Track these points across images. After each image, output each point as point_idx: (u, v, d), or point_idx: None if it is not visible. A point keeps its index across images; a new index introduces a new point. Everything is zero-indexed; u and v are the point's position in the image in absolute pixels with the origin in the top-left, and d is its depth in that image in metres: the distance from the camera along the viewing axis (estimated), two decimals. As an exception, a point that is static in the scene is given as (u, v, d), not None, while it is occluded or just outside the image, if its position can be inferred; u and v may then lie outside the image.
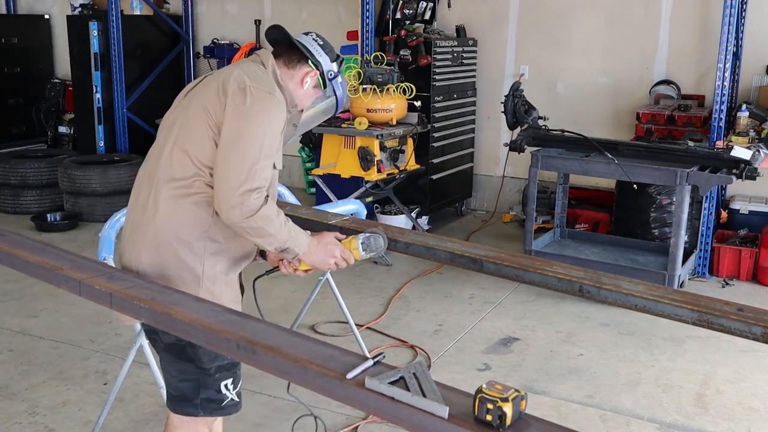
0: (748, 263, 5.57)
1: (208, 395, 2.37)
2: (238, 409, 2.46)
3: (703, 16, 6.39)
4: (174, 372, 2.36)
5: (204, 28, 8.60)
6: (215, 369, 2.34)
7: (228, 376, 2.37)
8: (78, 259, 2.23)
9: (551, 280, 2.26)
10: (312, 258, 2.38)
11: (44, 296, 4.99)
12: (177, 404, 2.40)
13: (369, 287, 5.34)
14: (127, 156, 7.46)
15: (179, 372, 2.35)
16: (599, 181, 6.56)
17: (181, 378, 2.35)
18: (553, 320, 4.83)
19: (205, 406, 2.38)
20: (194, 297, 2.07)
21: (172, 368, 2.37)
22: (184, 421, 2.44)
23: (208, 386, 2.36)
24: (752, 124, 5.57)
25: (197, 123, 2.25)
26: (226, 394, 2.38)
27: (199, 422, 2.45)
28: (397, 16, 6.92)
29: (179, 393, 2.38)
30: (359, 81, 5.95)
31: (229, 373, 2.37)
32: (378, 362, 1.67)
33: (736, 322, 1.96)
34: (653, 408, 3.77)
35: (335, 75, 2.45)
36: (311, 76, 2.41)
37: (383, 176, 5.95)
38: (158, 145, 2.36)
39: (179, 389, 2.37)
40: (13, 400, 3.72)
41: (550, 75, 7.07)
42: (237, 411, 2.46)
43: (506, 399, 1.45)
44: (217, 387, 2.36)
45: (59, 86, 8.76)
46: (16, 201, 7.11)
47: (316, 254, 2.38)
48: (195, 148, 2.24)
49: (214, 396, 2.37)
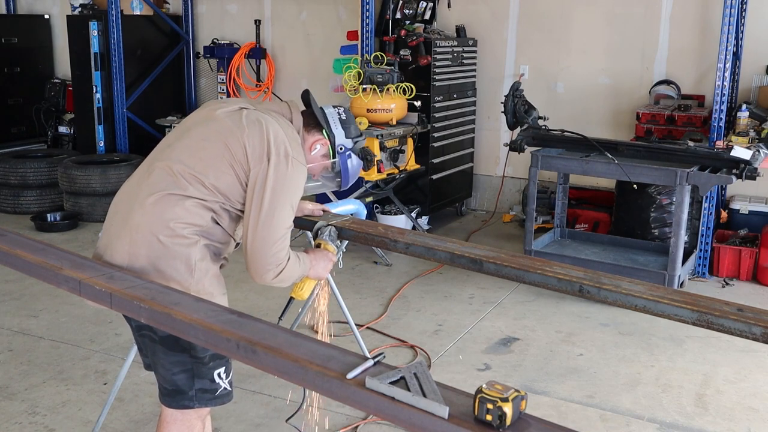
0: (748, 263, 5.57)
1: (203, 385, 2.40)
2: (230, 398, 2.49)
3: (703, 16, 6.39)
4: (168, 365, 2.39)
5: (204, 28, 8.60)
6: (209, 357, 2.38)
7: (221, 365, 2.42)
8: (78, 259, 2.23)
9: (551, 280, 2.27)
10: (316, 271, 2.56)
11: (44, 296, 4.99)
12: (172, 399, 2.43)
13: (369, 287, 5.34)
14: (127, 156, 7.46)
15: (173, 364, 2.37)
16: (599, 181, 6.57)
17: (175, 370, 2.38)
18: (553, 320, 4.83)
19: (200, 396, 2.41)
20: (194, 297, 2.08)
21: (166, 361, 2.39)
22: (177, 417, 2.46)
23: (203, 375, 2.40)
24: (752, 124, 5.57)
25: (216, 158, 2.35)
26: (219, 383, 2.43)
27: (193, 416, 2.47)
28: (397, 16, 6.92)
29: (174, 387, 2.40)
30: (359, 81, 5.96)
31: (221, 361, 2.42)
32: (378, 362, 1.67)
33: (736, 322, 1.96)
34: (653, 408, 3.77)
35: (346, 150, 2.58)
36: (321, 144, 2.56)
37: (383, 176, 5.95)
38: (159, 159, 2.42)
39: (174, 382, 2.40)
40: (13, 400, 3.72)
41: (550, 75, 7.07)
42: (230, 400, 2.50)
43: (506, 399, 1.45)
44: (211, 376, 2.41)
45: (59, 86, 8.76)
46: (16, 201, 7.11)
47: (318, 266, 2.57)
48: (212, 176, 2.34)
49: (208, 386, 2.41)
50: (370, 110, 5.92)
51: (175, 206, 2.31)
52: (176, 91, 8.63)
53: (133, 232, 2.31)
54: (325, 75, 7.55)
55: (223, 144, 2.36)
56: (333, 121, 2.56)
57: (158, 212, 2.31)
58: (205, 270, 2.36)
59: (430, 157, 6.57)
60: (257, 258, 2.32)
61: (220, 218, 2.39)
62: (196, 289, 2.31)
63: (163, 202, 2.31)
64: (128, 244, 2.31)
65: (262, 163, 2.33)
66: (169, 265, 2.29)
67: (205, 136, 2.40)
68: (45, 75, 9.01)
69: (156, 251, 2.29)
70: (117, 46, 7.59)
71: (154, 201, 2.32)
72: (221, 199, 2.36)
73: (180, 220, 2.31)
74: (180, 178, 2.33)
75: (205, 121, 2.46)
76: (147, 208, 2.32)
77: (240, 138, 2.36)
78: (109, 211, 2.47)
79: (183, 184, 2.33)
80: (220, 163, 2.34)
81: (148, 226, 2.30)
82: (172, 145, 2.44)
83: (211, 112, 2.48)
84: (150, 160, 2.47)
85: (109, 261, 2.33)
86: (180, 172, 2.34)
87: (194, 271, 2.32)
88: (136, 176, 2.46)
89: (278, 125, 2.41)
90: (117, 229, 2.37)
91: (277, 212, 2.31)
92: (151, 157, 2.48)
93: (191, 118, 2.55)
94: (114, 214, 2.44)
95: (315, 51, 8.02)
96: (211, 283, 2.39)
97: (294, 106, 2.57)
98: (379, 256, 5.88)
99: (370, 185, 5.94)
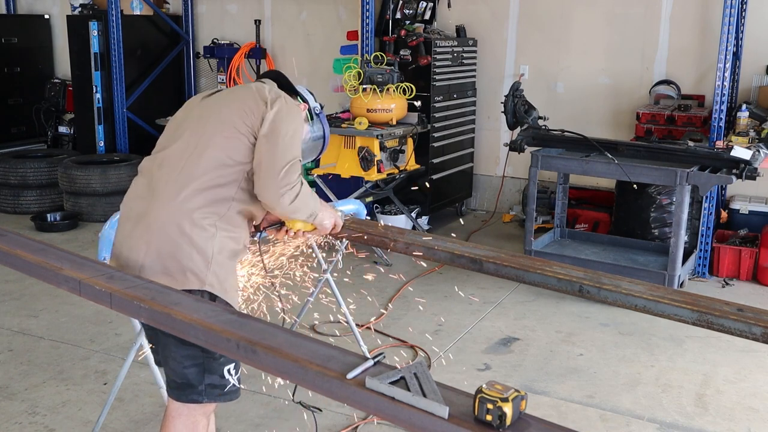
0: (748, 263, 5.57)
1: (212, 380, 2.41)
2: (238, 395, 2.50)
3: (703, 16, 6.39)
4: (180, 358, 2.39)
5: (204, 28, 8.60)
6: (220, 353, 2.36)
7: (231, 361, 2.43)
8: (78, 259, 2.23)
9: (551, 280, 2.27)
10: (321, 217, 2.61)
11: (44, 296, 4.99)
12: (181, 392, 2.43)
13: (369, 287, 5.34)
14: (127, 156, 7.47)
15: (185, 357, 2.38)
16: (599, 181, 6.57)
17: (186, 364, 2.38)
18: (553, 320, 4.83)
19: (209, 392, 2.42)
20: (194, 297, 2.08)
21: (178, 354, 2.39)
22: (183, 412, 2.46)
23: (213, 371, 2.40)
24: (752, 124, 5.57)
25: (218, 129, 2.41)
26: (228, 379, 2.44)
27: (199, 411, 2.47)
28: (397, 16, 6.92)
29: (184, 380, 2.41)
30: (359, 81, 5.95)
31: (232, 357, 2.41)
32: (378, 362, 1.67)
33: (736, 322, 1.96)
34: (653, 408, 3.77)
35: (320, 112, 2.79)
36: (302, 108, 2.66)
37: (383, 176, 5.95)
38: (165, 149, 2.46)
39: (184, 376, 2.40)
40: (13, 400, 3.72)
41: (550, 75, 7.08)
42: (237, 397, 2.50)
43: (506, 399, 1.45)
44: (221, 372, 2.42)
45: (59, 86, 8.76)
46: (16, 201, 7.11)
47: (325, 212, 2.63)
48: (221, 146, 2.40)
49: (218, 381, 2.42)
50: (370, 110, 5.92)
51: (195, 196, 2.34)
52: (176, 91, 8.63)
53: (152, 224, 2.33)
54: (325, 75, 7.55)
55: (219, 115, 2.44)
56: (302, 90, 2.74)
57: (180, 204, 2.33)
58: (221, 264, 2.37)
59: (430, 157, 6.57)
60: (270, 184, 2.37)
61: (240, 199, 2.42)
62: (210, 282, 2.33)
63: (183, 193, 2.33)
64: (147, 236, 2.33)
65: (261, 110, 2.43)
66: (186, 256, 2.31)
67: (200, 114, 2.48)
68: (45, 75, 9.01)
69: (175, 242, 2.31)
70: (117, 46, 7.59)
71: (174, 193, 2.34)
72: (236, 165, 2.39)
73: (201, 209, 2.33)
74: (192, 162, 2.37)
75: (193, 106, 2.56)
76: (167, 200, 2.34)
77: (234, 103, 2.47)
78: (122, 209, 2.49)
79: (197, 168, 2.36)
80: (225, 130, 2.41)
81: (171, 217, 2.32)
82: (173, 136, 2.48)
83: (196, 99, 2.60)
84: (155, 156, 2.49)
85: (127, 255, 2.35)
86: (191, 156, 2.38)
87: (211, 264, 2.34)
88: (146, 172, 2.48)
89: (260, 86, 2.55)
90: (134, 223, 2.39)
91: (281, 140, 2.40)
92: (157, 151, 2.51)
93: (180, 113, 2.61)
94: (128, 210, 2.45)
95: (315, 51, 8.02)
96: (227, 278, 2.40)
97: (269, 81, 2.66)
98: (379, 256, 5.88)
99: (370, 185, 5.93)
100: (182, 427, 2.46)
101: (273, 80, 2.67)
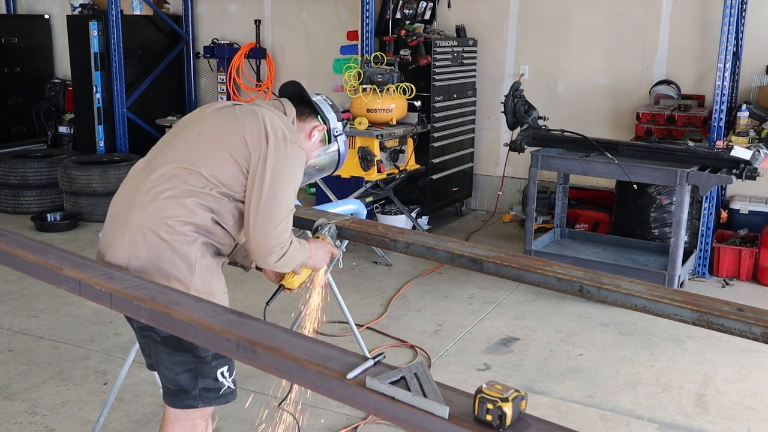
0: (748, 263, 5.57)
1: (206, 384, 2.40)
2: (234, 397, 2.49)
3: (703, 16, 6.39)
4: (171, 365, 2.38)
5: (204, 28, 8.60)
6: (211, 357, 2.38)
7: (223, 363, 2.42)
8: (78, 259, 2.23)
9: (551, 280, 2.27)
10: (314, 260, 2.57)
11: (44, 296, 4.99)
12: (176, 399, 2.42)
13: (369, 287, 5.34)
14: (127, 156, 7.47)
15: (176, 364, 2.37)
16: (599, 181, 6.57)
17: (178, 370, 2.38)
18: (553, 320, 4.83)
19: (203, 396, 2.41)
20: (194, 297, 2.07)
21: (168, 361, 2.38)
22: (181, 416, 2.45)
23: (206, 375, 2.40)
24: (752, 124, 5.57)
25: (214, 149, 2.36)
26: (222, 382, 2.43)
27: (197, 415, 2.46)
28: (397, 16, 6.92)
29: (177, 386, 2.40)
30: (359, 81, 5.95)
31: (224, 360, 2.42)
32: (378, 362, 1.67)
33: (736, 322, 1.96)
34: (653, 408, 3.77)
35: (340, 133, 2.67)
36: (319, 130, 2.61)
37: (383, 176, 5.95)
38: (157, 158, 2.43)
39: (177, 382, 2.39)
40: (13, 400, 3.72)
41: (550, 75, 7.07)
42: (233, 399, 2.49)
43: (506, 399, 1.45)
44: (214, 375, 2.41)
45: (59, 86, 8.76)
46: (16, 201, 7.11)
47: (316, 255, 2.58)
48: (211, 167, 2.36)
49: (212, 385, 2.41)
50: (370, 110, 5.91)
51: (174, 205, 2.31)
52: (176, 91, 8.63)
53: (134, 231, 2.31)
54: (325, 75, 7.55)
55: (220, 135, 2.38)
56: (325, 107, 2.62)
57: (158, 211, 2.30)
58: (205, 268, 2.35)
59: (430, 157, 6.57)
60: (260, 240, 2.32)
61: (222, 218, 2.37)
62: (196, 288, 2.30)
63: (162, 201, 2.31)
64: (128, 243, 2.31)
65: (261, 147, 2.35)
66: (169, 263, 2.29)
67: (201, 130, 2.43)
68: (45, 75, 9.02)
69: (156, 249, 2.29)
70: (117, 46, 7.59)
71: (154, 200, 2.32)
72: (222, 188, 2.35)
73: (179, 218, 2.30)
74: (179, 174, 2.34)
75: (199, 118, 2.49)
76: (147, 207, 2.32)
77: (236, 128, 2.38)
78: (109, 212, 2.47)
79: (182, 180, 2.33)
80: (219, 153, 2.35)
81: (148, 224, 2.30)
82: (169, 144, 2.46)
83: (204, 110, 2.53)
84: (148, 160, 2.47)
85: (110, 261, 2.33)
86: (178, 168, 2.34)
87: (195, 269, 2.32)
88: (134, 176, 2.46)
89: (273, 114, 2.46)
90: (117, 229, 2.37)
91: (279, 193, 2.32)
92: (149, 156, 2.49)
93: (186, 118, 2.58)
94: (114, 214, 2.43)
95: (315, 51, 8.02)
96: (213, 281, 2.38)
97: (286, 101, 2.59)
98: (379, 256, 5.88)
99: (370, 185, 5.93)
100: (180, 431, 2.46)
101: (291, 97, 2.61)
